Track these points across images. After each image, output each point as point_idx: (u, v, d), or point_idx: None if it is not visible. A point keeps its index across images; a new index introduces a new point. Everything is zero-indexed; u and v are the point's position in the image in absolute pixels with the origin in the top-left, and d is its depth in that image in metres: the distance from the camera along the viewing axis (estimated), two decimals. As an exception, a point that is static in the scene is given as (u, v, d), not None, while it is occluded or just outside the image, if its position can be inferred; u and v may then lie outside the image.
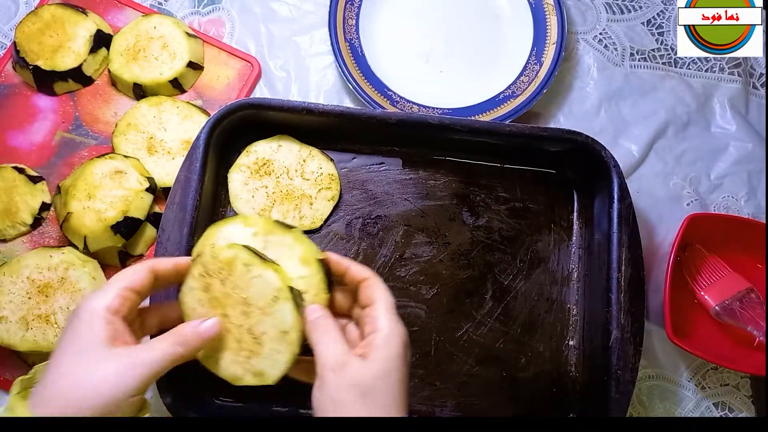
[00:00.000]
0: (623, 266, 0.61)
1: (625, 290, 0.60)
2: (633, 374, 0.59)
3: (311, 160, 0.68)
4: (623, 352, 0.59)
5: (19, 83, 0.73)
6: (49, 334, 0.61)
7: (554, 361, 0.65)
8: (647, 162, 0.75)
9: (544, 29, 0.76)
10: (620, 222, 0.62)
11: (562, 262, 0.68)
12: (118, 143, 0.69)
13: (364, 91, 0.71)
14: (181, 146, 0.69)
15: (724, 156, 0.76)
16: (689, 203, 0.74)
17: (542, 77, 0.73)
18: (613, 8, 0.80)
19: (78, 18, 0.72)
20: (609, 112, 0.77)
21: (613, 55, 0.79)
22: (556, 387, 0.65)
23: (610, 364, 0.59)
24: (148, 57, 0.71)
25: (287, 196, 0.66)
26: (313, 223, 0.67)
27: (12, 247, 0.67)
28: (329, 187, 0.67)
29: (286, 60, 0.77)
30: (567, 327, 0.66)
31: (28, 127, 0.71)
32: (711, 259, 0.69)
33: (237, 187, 0.66)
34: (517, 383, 0.65)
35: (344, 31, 0.75)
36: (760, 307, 0.66)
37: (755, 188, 0.75)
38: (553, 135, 0.65)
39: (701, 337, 0.68)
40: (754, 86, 0.79)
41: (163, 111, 0.70)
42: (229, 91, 0.74)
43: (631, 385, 0.59)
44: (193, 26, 0.76)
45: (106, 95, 0.73)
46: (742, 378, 0.70)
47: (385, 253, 0.67)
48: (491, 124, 0.67)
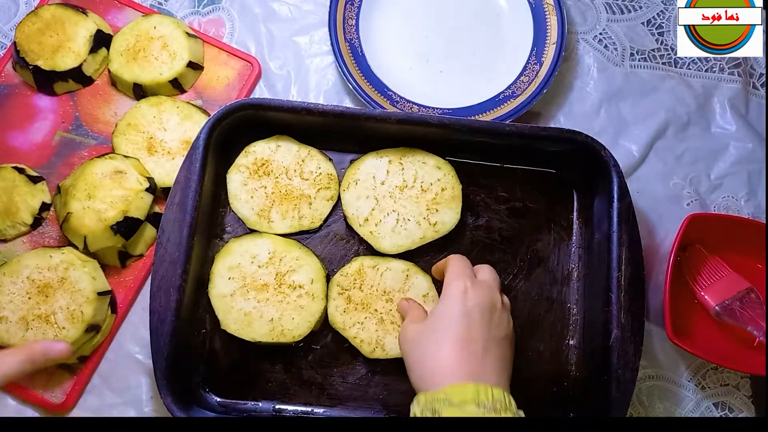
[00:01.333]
0: (623, 265, 0.61)
1: (625, 289, 0.60)
2: (633, 373, 0.59)
3: (310, 160, 0.68)
4: (623, 351, 0.59)
5: (19, 83, 0.73)
6: (49, 334, 0.61)
7: (554, 361, 0.65)
8: (647, 162, 0.75)
9: (544, 29, 0.76)
10: (620, 221, 0.62)
11: (562, 262, 0.68)
12: (118, 143, 0.69)
13: (364, 91, 0.71)
14: (181, 146, 0.69)
15: (724, 156, 0.76)
16: (689, 203, 0.74)
17: (542, 77, 0.73)
18: (613, 8, 0.80)
19: (78, 18, 0.72)
20: (609, 112, 0.76)
21: (613, 55, 0.79)
22: (557, 386, 0.65)
23: (610, 364, 0.59)
24: (148, 57, 0.71)
25: (286, 196, 0.66)
26: (312, 223, 0.67)
27: (12, 247, 0.67)
28: (328, 186, 0.67)
29: (286, 60, 0.77)
30: (567, 326, 0.66)
31: (28, 127, 0.71)
32: (711, 259, 0.69)
33: (236, 187, 0.66)
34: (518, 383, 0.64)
35: (344, 31, 0.75)
36: (760, 307, 0.66)
37: (755, 188, 0.75)
38: (553, 134, 0.65)
39: (701, 337, 0.68)
40: (754, 86, 0.79)
41: (163, 111, 0.70)
42: (229, 91, 0.73)
43: (632, 385, 0.59)
44: (193, 26, 0.76)
45: (106, 95, 0.73)
46: (742, 378, 0.70)
47: (385, 253, 0.68)
48: (491, 124, 0.67)
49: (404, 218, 0.66)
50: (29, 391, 0.64)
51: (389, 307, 0.64)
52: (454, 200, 0.67)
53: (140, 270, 0.67)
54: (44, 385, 0.64)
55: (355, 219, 0.66)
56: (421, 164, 0.67)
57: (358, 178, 0.67)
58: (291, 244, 0.65)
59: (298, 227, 0.66)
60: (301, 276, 0.64)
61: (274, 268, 0.64)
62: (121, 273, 0.67)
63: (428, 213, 0.66)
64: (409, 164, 0.67)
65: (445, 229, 0.66)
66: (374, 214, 0.66)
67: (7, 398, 0.65)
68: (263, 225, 0.66)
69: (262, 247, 0.64)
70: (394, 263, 0.65)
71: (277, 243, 0.65)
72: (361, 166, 0.67)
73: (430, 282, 0.65)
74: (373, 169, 0.67)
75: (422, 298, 0.64)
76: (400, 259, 0.65)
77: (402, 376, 0.57)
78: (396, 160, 0.67)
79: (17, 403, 0.64)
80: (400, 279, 0.64)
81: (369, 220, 0.66)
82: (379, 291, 0.64)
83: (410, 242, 0.65)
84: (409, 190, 0.67)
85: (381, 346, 0.63)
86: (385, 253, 0.65)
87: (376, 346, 0.63)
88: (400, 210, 0.66)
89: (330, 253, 0.67)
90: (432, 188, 0.67)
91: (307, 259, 0.64)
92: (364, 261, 0.65)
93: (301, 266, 0.64)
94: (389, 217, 0.66)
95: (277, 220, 0.66)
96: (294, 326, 0.62)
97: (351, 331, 0.63)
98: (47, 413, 0.64)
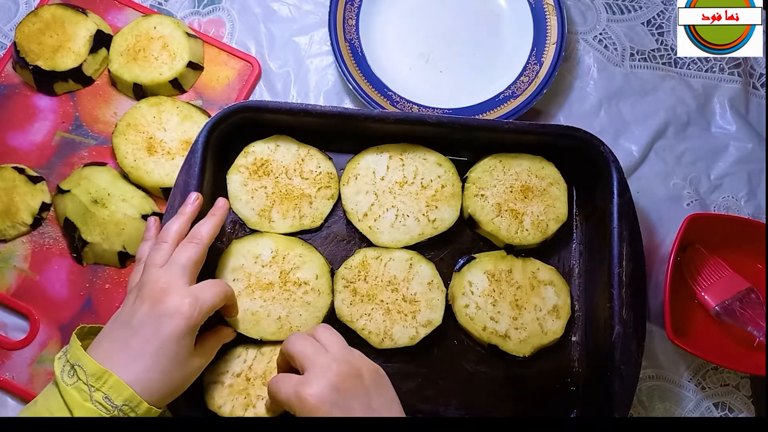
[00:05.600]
0: (624, 261, 0.61)
1: (626, 285, 0.60)
2: (636, 369, 0.59)
3: (310, 159, 0.68)
4: (626, 347, 0.59)
5: (19, 83, 0.73)
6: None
7: (557, 357, 0.66)
8: (647, 162, 0.75)
9: (544, 29, 0.75)
10: (620, 217, 0.62)
11: (563, 259, 0.68)
12: (118, 143, 0.69)
13: (364, 91, 0.71)
14: (180, 146, 0.69)
15: (724, 156, 0.76)
16: (689, 203, 0.74)
17: (542, 77, 0.73)
18: (613, 8, 0.80)
19: (78, 18, 0.72)
20: (609, 112, 0.76)
21: (613, 55, 0.79)
22: (560, 383, 0.65)
23: (613, 359, 0.59)
24: (148, 57, 0.71)
25: (286, 196, 0.66)
26: (313, 222, 0.67)
27: (12, 247, 0.68)
28: (328, 185, 0.67)
29: (286, 60, 0.77)
30: (570, 323, 0.66)
31: (28, 127, 0.71)
32: (711, 260, 0.69)
33: (236, 188, 0.66)
34: (521, 380, 0.65)
35: (344, 31, 0.75)
36: (760, 307, 0.66)
37: (755, 188, 0.75)
38: (552, 131, 0.66)
39: (701, 337, 0.68)
40: (754, 86, 0.79)
41: (162, 111, 0.70)
42: (229, 92, 0.73)
43: (635, 380, 0.59)
44: (193, 26, 0.76)
45: (106, 95, 0.73)
46: (742, 378, 0.70)
47: (386, 253, 0.68)
48: (489, 122, 0.68)
49: (403, 214, 0.66)
50: (29, 391, 0.64)
51: (395, 296, 0.64)
52: (454, 197, 0.67)
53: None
54: (44, 385, 0.63)
55: (354, 214, 0.66)
56: (421, 160, 0.67)
57: (358, 173, 0.67)
58: (293, 241, 0.65)
59: (299, 227, 0.66)
60: (306, 272, 0.64)
61: (278, 267, 0.64)
62: (121, 273, 0.67)
63: (427, 210, 0.66)
64: (410, 160, 0.67)
65: (444, 226, 0.66)
66: (373, 210, 0.66)
67: (7, 398, 0.65)
68: (264, 225, 0.66)
69: (264, 246, 0.64)
70: (397, 253, 0.65)
71: (279, 241, 0.65)
72: (361, 161, 0.67)
73: (434, 270, 0.65)
74: (373, 165, 0.67)
75: (427, 285, 0.64)
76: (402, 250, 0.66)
77: (409, 368, 0.57)
78: (396, 155, 0.67)
79: (17, 403, 0.65)
80: (404, 268, 0.65)
81: (368, 215, 0.66)
82: (384, 281, 0.64)
83: (409, 238, 0.65)
84: (409, 186, 0.67)
85: (389, 336, 0.63)
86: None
87: (385, 337, 0.63)
88: (400, 206, 0.66)
89: (331, 254, 0.67)
90: (432, 185, 0.67)
91: (311, 256, 0.64)
92: (367, 252, 0.65)
93: (304, 263, 0.64)
94: (388, 213, 0.66)
95: (277, 220, 0.66)
96: (302, 323, 0.62)
97: (359, 323, 0.63)
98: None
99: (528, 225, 0.66)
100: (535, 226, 0.66)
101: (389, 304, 0.64)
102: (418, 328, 0.63)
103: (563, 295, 0.65)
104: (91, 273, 0.67)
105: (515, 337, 0.64)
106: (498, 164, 0.67)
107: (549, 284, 0.65)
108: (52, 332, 0.66)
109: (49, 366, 0.64)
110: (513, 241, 0.66)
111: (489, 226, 0.66)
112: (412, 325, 0.63)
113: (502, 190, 0.67)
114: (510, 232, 0.66)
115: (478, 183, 0.67)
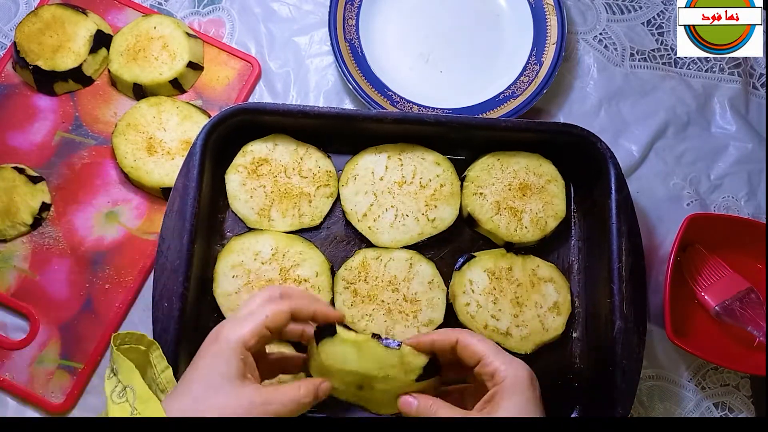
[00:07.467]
0: (624, 256, 0.61)
1: (626, 280, 0.60)
2: (638, 364, 0.59)
3: (308, 157, 0.68)
4: (628, 341, 0.59)
5: (19, 83, 0.73)
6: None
7: (559, 354, 0.66)
8: (647, 162, 0.75)
9: (544, 29, 0.75)
10: (619, 212, 0.62)
11: (562, 255, 0.68)
12: (118, 143, 0.69)
13: (364, 92, 0.71)
14: (180, 146, 0.69)
15: (724, 156, 0.76)
16: (689, 203, 0.74)
17: (542, 77, 0.73)
18: (613, 8, 0.80)
19: (78, 18, 0.72)
20: (609, 112, 0.76)
21: (613, 55, 0.79)
22: (562, 379, 0.65)
23: (615, 355, 0.59)
24: (148, 57, 0.71)
25: (285, 195, 0.66)
26: (313, 220, 0.67)
27: (12, 247, 0.68)
28: (327, 183, 0.67)
29: (286, 60, 0.77)
30: (570, 319, 0.66)
31: (28, 127, 0.71)
32: (711, 260, 0.69)
33: (235, 187, 0.66)
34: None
35: (344, 31, 0.75)
36: (760, 307, 0.66)
37: (755, 188, 0.75)
38: (549, 129, 0.66)
39: (701, 337, 0.68)
40: (754, 86, 0.79)
41: (162, 111, 0.70)
42: (229, 92, 0.73)
43: (637, 375, 0.59)
44: (193, 26, 0.76)
45: (106, 95, 0.73)
46: (742, 378, 0.70)
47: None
48: (487, 120, 0.68)
49: (403, 214, 0.66)
50: (29, 391, 0.64)
51: (396, 296, 0.64)
52: (453, 196, 0.67)
53: (140, 270, 0.67)
54: (44, 385, 0.64)
55: (353, 214, 0.66)
56: (420, 160, 0.67)
57: (357, 173, 0.67)
58: (293, 238, 0.65)
59: (299, 225, 0.66)
60: (306, 270, 0.64)
61: (278, 264, 0.64)
62: (120, 274, 0.67)
63: (427, 209, 0.66)
64: (408, 160, 0.67)
65: (444, 225, 0.66)
66: (373, 210, 0.66)
67: (7, 398, 0.65)
68: (263, 224, 0.66)
69: (264, 243, 0.64)
70: (396, 253, 0.65)
71: (279, 239, 0.65)
72: (359, 162, 0.67)
73: (434, 269, 0.65)
74: (371, 165, 0.67)
75: (427, 285, 0.64)
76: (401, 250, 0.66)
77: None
78: (395, 155, 0.67)
79: (17, 403, 0.64)
80: (404, 268, 0.65)
81: (367, 215, 0.66)
82: (384, 282, 0.64)
83: (408, 237, 0.66)
84: (408, 186, 0.67)
85: (391, 336, 0.63)
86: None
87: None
88: (399, 206, 0.66)
89: (331, 254, 0.67)
90: (431, 184, 0.67)
91: (311, 253, 0.64)
92: (367, 253, 0.65)
93: (304, 260, 0.64)
94: (388, 213, 0.66)
95: (277, 218, 0.66)
96: None
97: (360, 325, 0.63)
98: (47, 413, 0.64)
99: (527, 222, 0.66)
100: (534, 224, 0.66)
101: (390, 304, 0.64)
102: (419, 328, 0.63)
103: (563, 291, 0.65)
104: (91, 273, 0.67)
105: (516, 334, 0.63)
106: (496, 162, 0.67)
107: (549, 281, 0.65)
108: (52, 332, 0.66)
109: (48, 366, 0.64)
110: (512, 239, 0.66)
111: (488, 225, 0.66)
112: (413, 324, 0.63)
113: (501, 188, 0.67)
114: (509, 230, 0.66)
115: (477, 181, 0.67)
